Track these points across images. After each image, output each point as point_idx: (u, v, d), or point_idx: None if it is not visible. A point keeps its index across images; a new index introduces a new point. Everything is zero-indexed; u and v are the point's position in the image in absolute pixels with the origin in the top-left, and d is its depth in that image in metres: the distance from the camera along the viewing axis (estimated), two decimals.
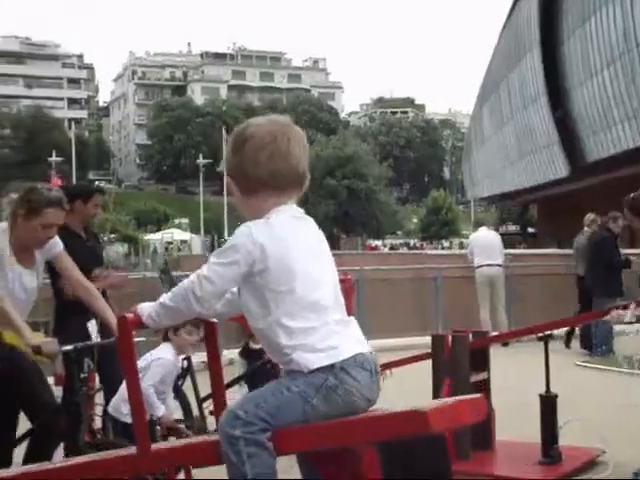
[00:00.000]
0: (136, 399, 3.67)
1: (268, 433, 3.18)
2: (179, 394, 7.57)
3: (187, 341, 6.97)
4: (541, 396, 8.20)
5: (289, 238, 3.35)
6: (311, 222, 3.57)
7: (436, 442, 3.53)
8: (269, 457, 3.18)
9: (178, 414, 7.33)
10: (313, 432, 3.26)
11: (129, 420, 6.37)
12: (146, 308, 3.47)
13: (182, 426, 7.04)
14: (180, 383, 7.80)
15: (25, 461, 5.80)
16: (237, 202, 3.62)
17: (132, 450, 3.69)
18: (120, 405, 6.59)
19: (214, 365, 3.91)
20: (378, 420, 3.27)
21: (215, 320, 3.82)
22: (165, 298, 3.42)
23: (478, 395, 3.74)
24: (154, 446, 3.70)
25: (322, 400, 3.22)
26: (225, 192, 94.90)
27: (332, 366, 3.23)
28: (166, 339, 6.92)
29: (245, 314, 3.49)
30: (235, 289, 3.51)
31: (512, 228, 72.42)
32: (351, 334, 3.39)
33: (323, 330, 3.29)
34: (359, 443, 3.28)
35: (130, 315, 3.48)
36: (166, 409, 6.80)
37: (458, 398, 3.80)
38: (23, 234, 5.87)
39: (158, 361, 6.71)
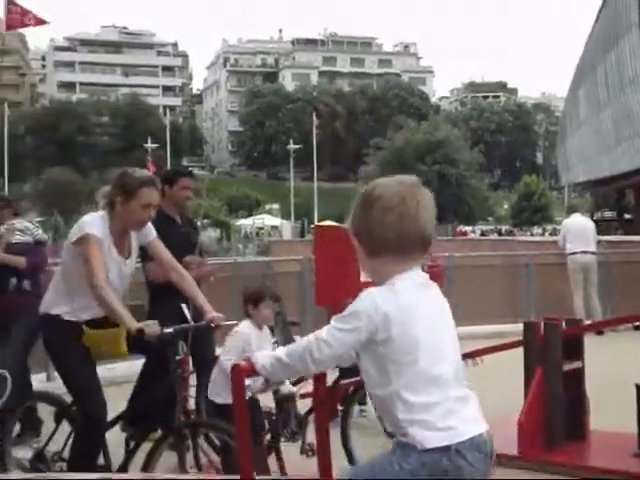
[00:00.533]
0: (244, 447, 3.66)
1: None
2: None
3: (265, 315, 7.05)
4: (637, 386, 8.10)
5: (414, 306, 3.23)
6: (435, 289, 3.45)
7: None
8: None
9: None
10: None
11: (222, 401, 6.53)
12: (261, 358, 3.44)
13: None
14: None
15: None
16: (361, 263, 3.50)
17: None
18: (214, 388, 6.77)
19: None
20: None
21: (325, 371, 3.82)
22: (282, 353, 3.37)
23: None
24: None
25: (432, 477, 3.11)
26: (315, 178, 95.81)
27: (448, 447, 3.10)
28: (247, 315, 7.03)
29: (363, 375, 3.38)
30: None
31: (608, 214, 71.38)
32: (470, 412, 3.27)
33: (443, 407, 3.17)
34: None
35: (244, 363, 3.49)
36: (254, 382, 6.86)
37: None
38: (124, 218, 6.04)
39: (236, 335, 6.79)
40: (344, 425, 7.40)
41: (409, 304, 3.21)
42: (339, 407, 7.83)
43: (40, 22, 15.75)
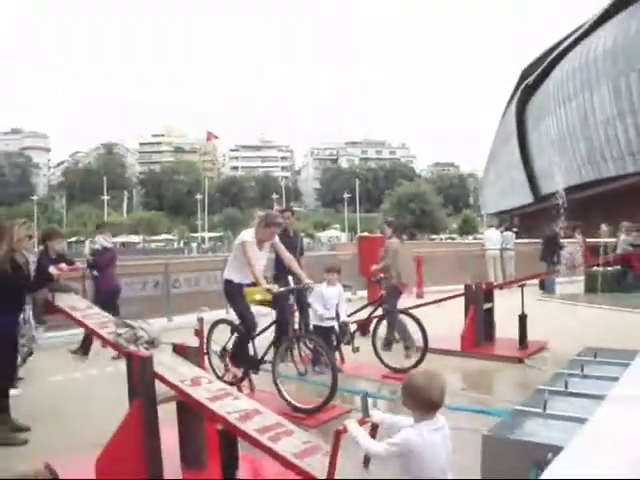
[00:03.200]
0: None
1: None
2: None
3: (331, 278, 7.04)
4: (519, 315, 8.08)
5: (427, 439, 2.84)
6: (444, 429, 2.96)
7: None
8: None
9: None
10: None
11: (314, 323, 6.71)
12: (354, 430, 3.02)
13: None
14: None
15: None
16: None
17: (322, 473, 3.09)
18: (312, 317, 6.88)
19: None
20: None
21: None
22: (368, 447, 2.95)
23: None
24: None
25: None
26: (358, 210, 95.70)
27: None
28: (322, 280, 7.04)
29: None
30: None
31: (514, 229, 70.56)
32: None
33: None
34: None
35: (342, 428, 3.03)
36: (328, 312, 6.93)
37: None
38: (262, 235, 6.08)
39: (316, 291, 6.83)
40: (373, 339, 7.39)
41: (424, 440, 2.85)
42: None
43: (216, 137, 16.13)
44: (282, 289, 5.84)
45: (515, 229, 20.74)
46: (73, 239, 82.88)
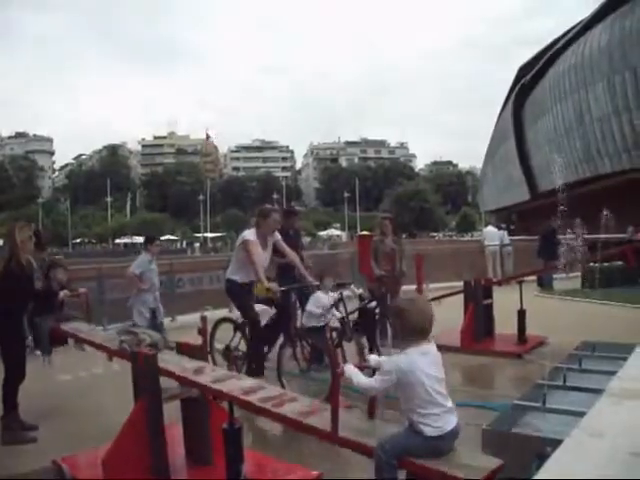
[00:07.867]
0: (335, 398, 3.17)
1: (395, 460, 2.91)
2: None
3: (326, 284, 6.65)
4: (518, 311, 8.07)
5: (417, 364, 2.97)
6: (434, 352, 3.09)
7: None
8: (395, 471, 2.91)
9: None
10: (419, 465, 2.87)
11: (310, 325, 6.43)
12: (349, 370, 3.20)
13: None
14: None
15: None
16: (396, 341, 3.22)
17: (327, 427, 3.14)
18: (306, 320, 6.58)
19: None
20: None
21: None
22: (361, 383, 3.13)
23: None
24: (341, 432, 3.14)
25: (427, 450, 2.90)
26: (358, 209, 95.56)
27: (438, 437, 2.91)
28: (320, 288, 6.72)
29: (399, 396, 3.06)
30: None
31: (503, 225, 70.13)
32: (450, 416, 3.01)
33: (437, 416, 2.95)
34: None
35: (340, 370, 3.20)
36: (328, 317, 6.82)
37: None
38: (264, 229, 6.10)
39: (315, 296, 6.66)
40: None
41: (414, 362, 2.99)
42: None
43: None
44: (282, 288, 5.85)
45: (513, 226, 20.75)
46: (78, 240, 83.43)
